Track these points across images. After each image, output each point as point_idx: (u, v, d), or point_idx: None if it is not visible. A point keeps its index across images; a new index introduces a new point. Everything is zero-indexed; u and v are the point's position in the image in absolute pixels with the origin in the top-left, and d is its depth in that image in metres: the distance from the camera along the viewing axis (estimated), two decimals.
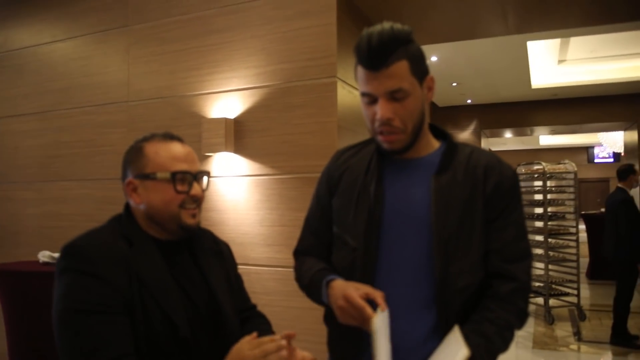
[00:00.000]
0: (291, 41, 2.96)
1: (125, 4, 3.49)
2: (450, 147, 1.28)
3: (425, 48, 1.32)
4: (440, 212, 1.19)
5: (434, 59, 6.17)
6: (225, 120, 3.01)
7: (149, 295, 1.16)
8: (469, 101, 9.03)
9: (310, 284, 1.30)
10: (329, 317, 1.31)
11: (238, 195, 3.05)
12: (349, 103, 3.00)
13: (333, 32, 2.85)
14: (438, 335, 1.16)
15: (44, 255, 2.99)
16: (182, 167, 1.26)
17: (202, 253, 1.36)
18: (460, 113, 9.44)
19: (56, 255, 3.00)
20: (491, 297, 1.17)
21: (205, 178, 1.33)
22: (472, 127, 9.49)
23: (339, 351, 1.32)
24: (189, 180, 1.27)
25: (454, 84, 7.65)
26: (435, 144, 1.31)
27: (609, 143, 12.94)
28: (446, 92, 8.16)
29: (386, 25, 1.18)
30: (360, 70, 1.22)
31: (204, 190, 1.32)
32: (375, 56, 1.16)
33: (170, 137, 1.31)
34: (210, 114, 3.14)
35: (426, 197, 1.22)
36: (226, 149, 3.01)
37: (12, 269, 2.84)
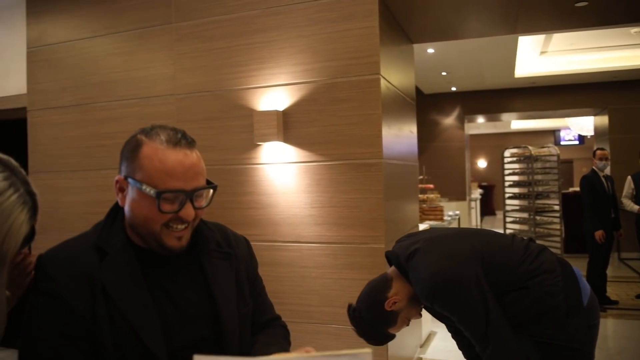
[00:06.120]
0: (336, 41, 3.27)
1: (168, 3, 3.71)
2: None
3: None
4: None
5: (430, 51, 6.56)
6: (277, 112, 3.32)
7: (118, 313, 1.06)
8: (453, 89, 9.49)
9: None
10: None
11: (287, 180, 3.37)
12: (390, 97, 3.34)
13: (376, 34, 3.18)
14: None
15: None
16: (174, 184, 1.08)
17: (206, 258, 1.22)
18: (444, 100, 9.91)
19: None
20: None
21: (205, 193, 1.16)
22: (455, 113, 9.97)
23: None
24: (180, 200, 1.10)
25: (444, 73, 8.08)
26: None
27: (577, 127, 13.70)
28: (435, 80, 8.58)
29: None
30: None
31: (201, 208, 1.15)
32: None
33: (175, 142, 1.11)
34: (260, 106, 3.43)
35: None
36: (277, 139, 3.32)
37: None
